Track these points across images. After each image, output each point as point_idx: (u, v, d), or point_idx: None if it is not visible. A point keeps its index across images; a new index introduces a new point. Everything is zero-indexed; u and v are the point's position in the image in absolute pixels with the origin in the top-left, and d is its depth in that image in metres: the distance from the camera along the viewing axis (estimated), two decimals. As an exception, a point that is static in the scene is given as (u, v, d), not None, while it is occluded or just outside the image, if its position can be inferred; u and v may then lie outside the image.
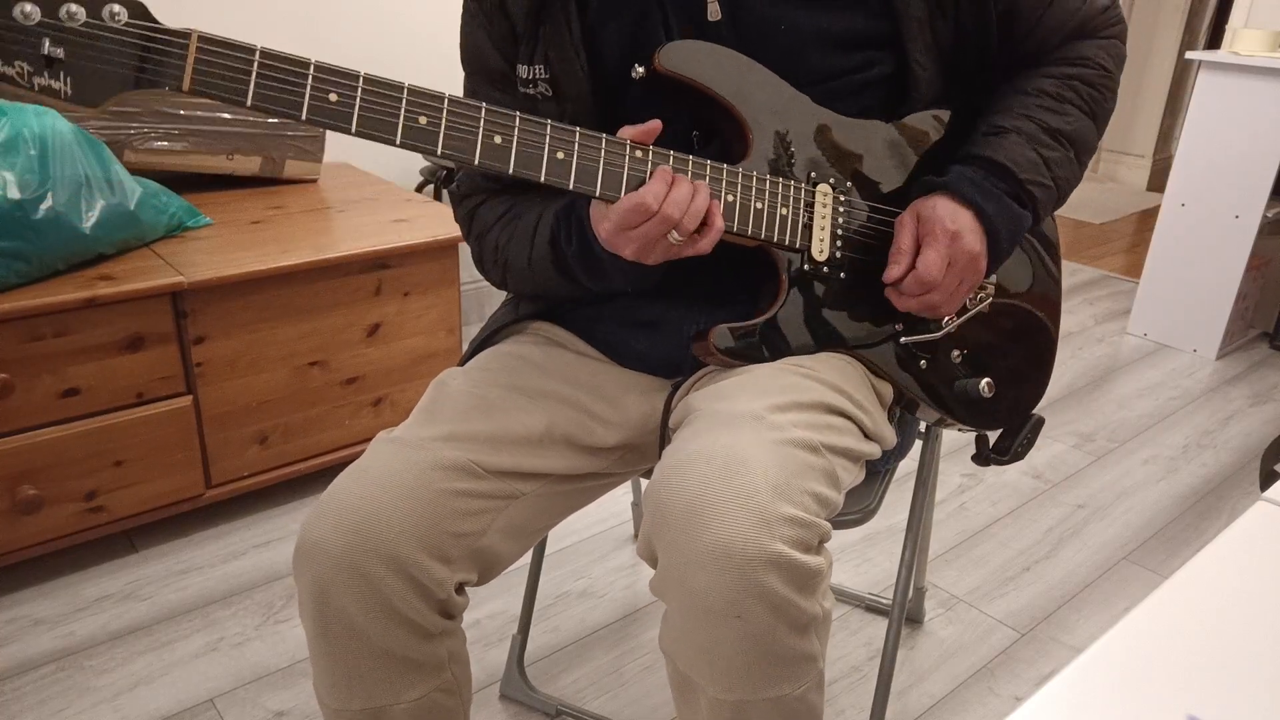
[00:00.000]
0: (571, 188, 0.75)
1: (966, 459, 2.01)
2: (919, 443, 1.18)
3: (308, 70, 0.67)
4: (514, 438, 0.86)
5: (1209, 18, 4.52)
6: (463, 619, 0.86)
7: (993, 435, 1.06)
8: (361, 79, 0.69)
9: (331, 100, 0.68)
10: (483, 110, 0.72)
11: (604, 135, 0.76)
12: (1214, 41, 4.52)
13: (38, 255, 1.36)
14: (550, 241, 0.87)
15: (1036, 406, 1.04)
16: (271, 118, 1.85)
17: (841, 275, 0.88)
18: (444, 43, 2.35)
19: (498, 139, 0.73)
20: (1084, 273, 3.34)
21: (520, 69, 0.88)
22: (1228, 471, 2.02)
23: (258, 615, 1.46)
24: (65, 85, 0.62)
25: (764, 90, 0.83)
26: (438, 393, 0.89)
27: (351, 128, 0.69)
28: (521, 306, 1.01)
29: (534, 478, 0.87)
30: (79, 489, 1.45)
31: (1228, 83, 2.44)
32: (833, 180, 0.87)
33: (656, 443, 0.95)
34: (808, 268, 0.87)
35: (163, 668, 1.35)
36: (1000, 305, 0.98)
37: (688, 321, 0.92)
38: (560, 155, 0.75)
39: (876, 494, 1.05)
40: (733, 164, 0.82)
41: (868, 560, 1.66)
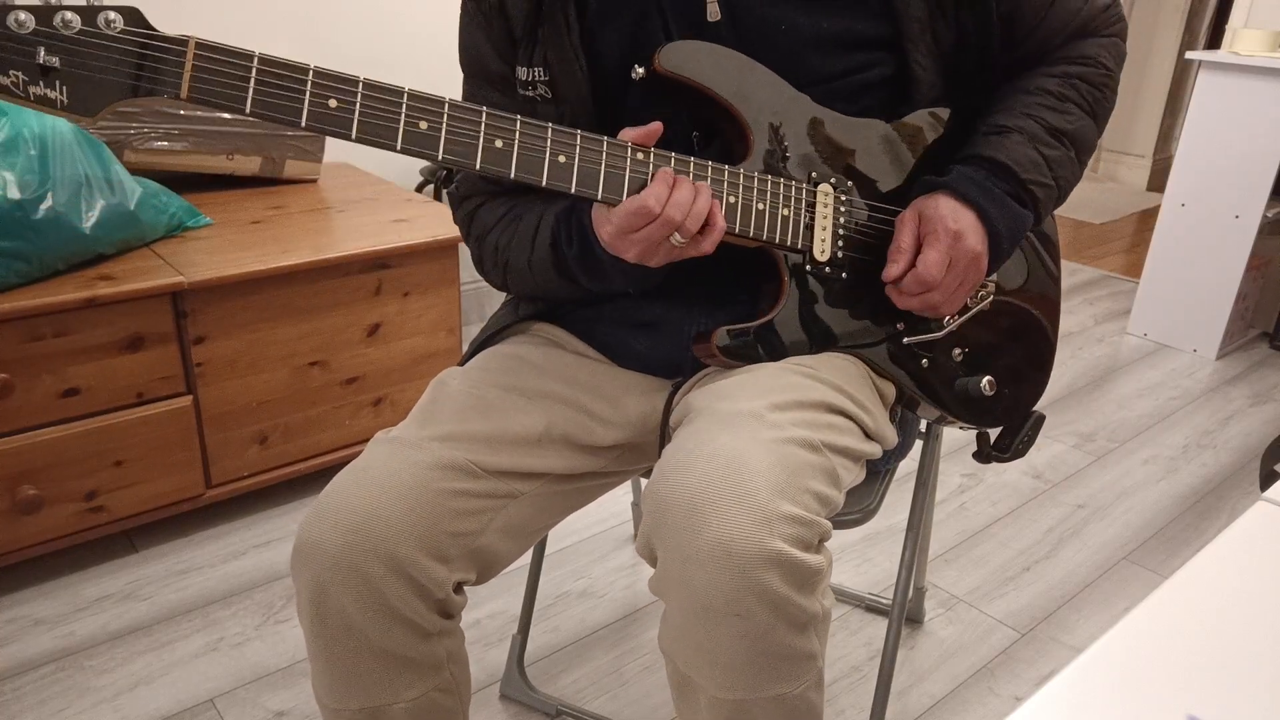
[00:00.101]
0: (573, 191, 0.75)
1: (966, 459, 2.01)
2: (919, 442, 1.18)
3: (306, 76, 0.67)
4: (512, 437, 0.86)
5: (1209, 18, 4.52)
6: (461, 619, 0.86)
7: (993, 433, 1.06)
8: (361, 84, 0.68)
9: (331, 106, 0.68)
10: (484, 114, 0.72)
11: (605, 138, 0.75)
12: (1214, 41, 4.52)
13: (38, 255, 1.36)
14: (551, 244, 0.87)
15: (1037, 404, 1.04)
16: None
17: (843, 275, 0.88)
18: (444, 43, 2.35)
19: (499, 143, 0.73)
20: (1084, 273, 3.34)
21: (519, 71, 0.88)
22: (1228, 471, 2.02)
23: (258, 615, 1.45)
24: (61, 94, 0.62)
25: (764, 90, 0.83)
26: (436, 393, 0.89)
27: (352, 134, 0.68)
28: (521, 307, 1.01)
29: (533, 477, 0.87)
30: (79, 489, 1.45)
31: (1228, 83, 2.44)
32: (834, 180, 0.87)
33: (656, 442, 0.95)
34: (809, 268, 0.86)
35: (163, 668, 1.34)
36: (1001, 304, 0.98)
37: (688, 322, 0.92)
38: (562, 159, 0.74)
39: (877, 494, 1.05)
40: (733, 165, 0.81)
41: (868, 560, 1.66)
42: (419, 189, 2.30)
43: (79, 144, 1.41)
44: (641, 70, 0.82)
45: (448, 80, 2.34)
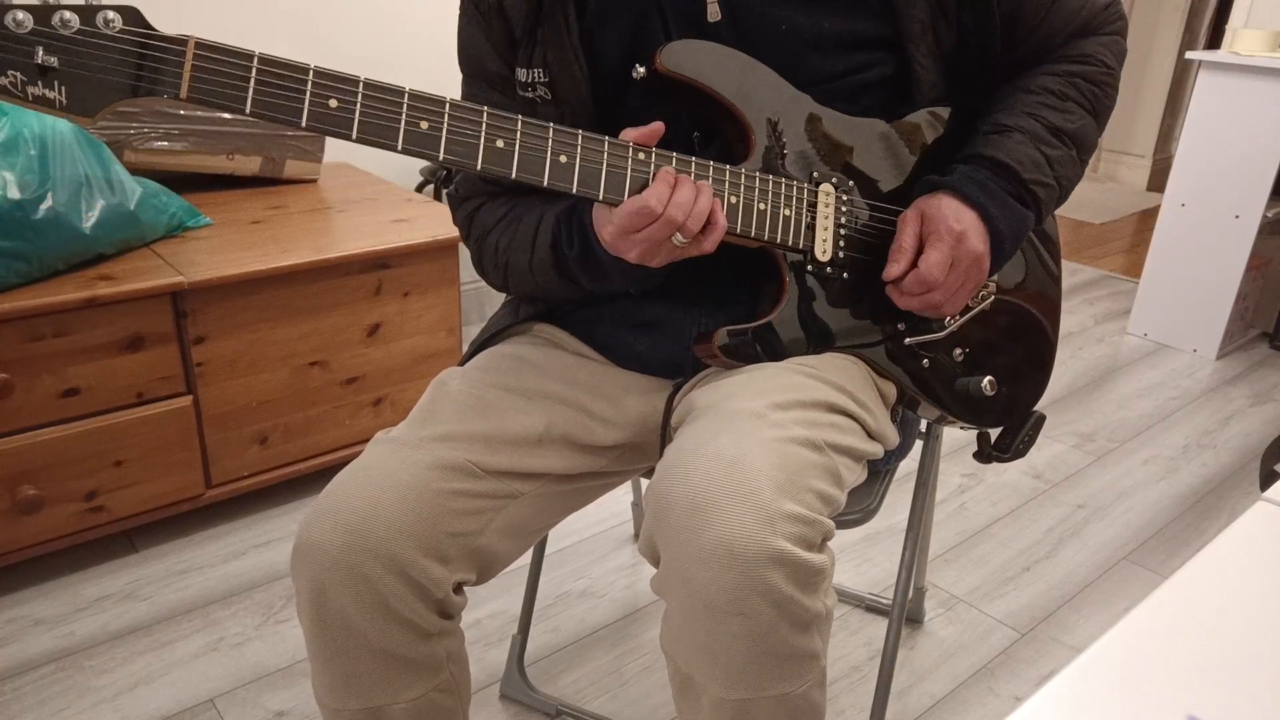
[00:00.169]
0: (575, 192, 0.75)
1: (966, 459, 2.02)
2: (919, 442, 1.18)
3: (307, 76, 0.66)
4: (512, 438, 0.86)
5: (1209, 18, 4.52)
6: (461, 619, 0.85)
7: (994, 433, 1.06)
8: (361, 84, 0.68)
9: (331, 106, 0.67)
10: (485, 114, 0.72)
11: (606, 138, 0.75)
12: (1214, 41, 4.52)
13: (38, 255, 1.36)
14: (552, 245, 0.86)
15: (1037, 404, 1.04)
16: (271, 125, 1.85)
17: (844, 275, 0.88)
18: (444, 43, 2.35)
19: (500, 143, 0.73)
20: (1084, 273, 3.34)
21: (519, 72, 0.88)
22: (1228, 471, 2.02)
23: (258, 615, 1.45)
24: (60, 95, 0.61)
25: (766, 90, 0.83)
26: (436, 393, 0.89)
27: (352, 134, 0.68)
28: (522, 308, 1.00)
29: (533, 477, 0.87)
30: (79, 489, 1.45)
31: (1228, 83, 2.44)
32: (835, 180, 0.87)
33: (657, 442, 0.95)
34: (810, 268, 0.86)
35: (163, 668, 1.34)
36: (1001, 303, 0.98)
37: (689, 323, 0.92)
38: (563, 159, 0.74)
39: (877, 494, 1.05)
40: (734, 165, 0.81)
41: (868, 560, 1.66)
42: (419, 189, 2.30)
43: (79, 144, 1.41)
44: (643, 70, 0.82)
45: (448, 80, 2.34)
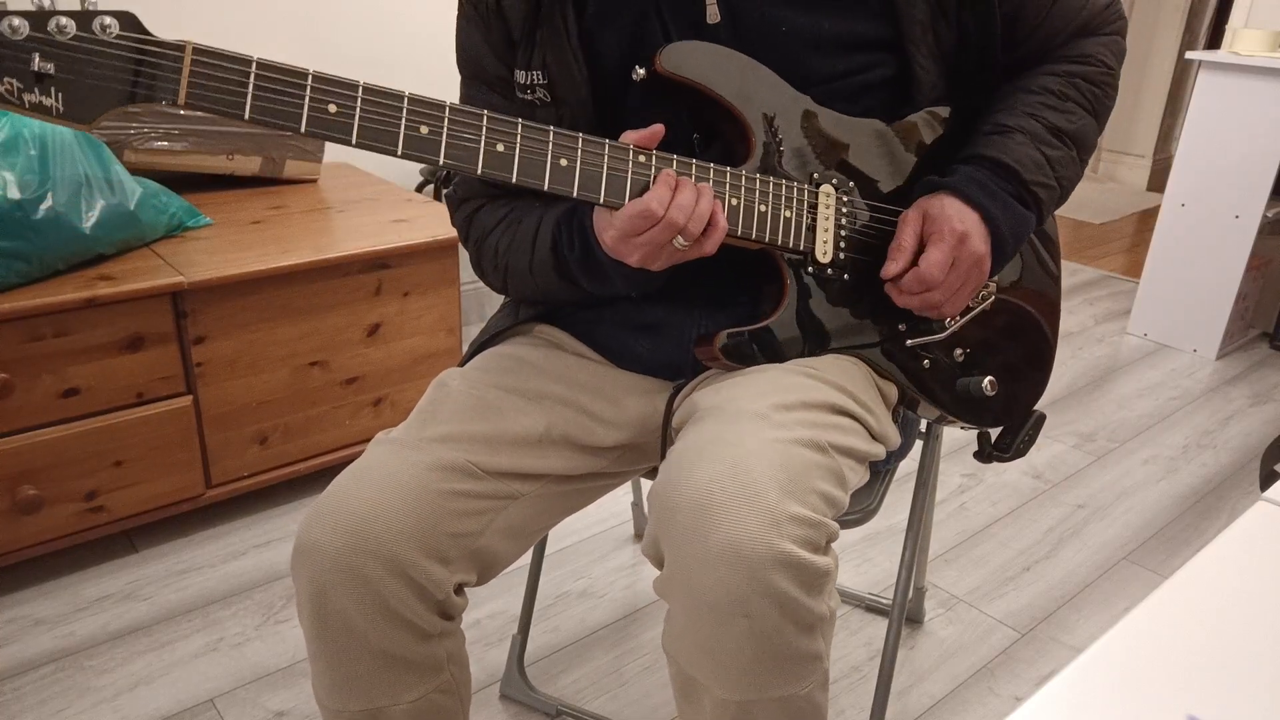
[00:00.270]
0: (575, 195, 0.75)
1: (966, 459, 2.01)
2: (919, 442, 1.18)
3: (305, 81, 0.66)
4: (512, 438, 0.86)
5: (1209, 18, 4.52)
6: (462, 620, 0.85)
7: (994, 432, 1.06)
8: (361, 89, 0.68)
9: (331, 111, 0.67)
10: (485, 118, 0.72)
11: (606, 141, 0.75)
12: (1214, 41, 4.51)
13: (38, 255, 1.36)
14: (552, 248, 0.86)
15: (1037, 404, 1.04)
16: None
17: (845, 276, 0.88)
18: (444, 43, 2.35)
19: (500, 147, 0.72)
20: (1084, 273, 3.34)
21: (518, 74, 0.87)
22: (1228, 471, 2.02)
23: (258, 615, 1.45)
24: (57, 101, 0.61)
25: (766, 91, 0.83)
26: (437, 393, 0.89)
27: (352, 139, 0.68)
28: (522, 309, 1.00)
29: (533, 478, 0.87)
30: (79, 489, 1.45)
31: (1228, 83, 2.44)
32: (835, 181, 0.86)
33: (657, 443, 0.95)
34: (811, 270, 0.86)
35: (163, 668, 1.34)
36: (1001, 303, 0.98)
37: (689, 324, 0.91)
38: (563, 162, 0.74)
39: (877, 494, 1.05)
40: (735, 166, 0.81)
41: (868, 560, 1.66)
42: (419, 189, 2.30)
43: (79, 144, 1.41)
44: (643, 71, 0.82)
45: (448, 80, 2.34)
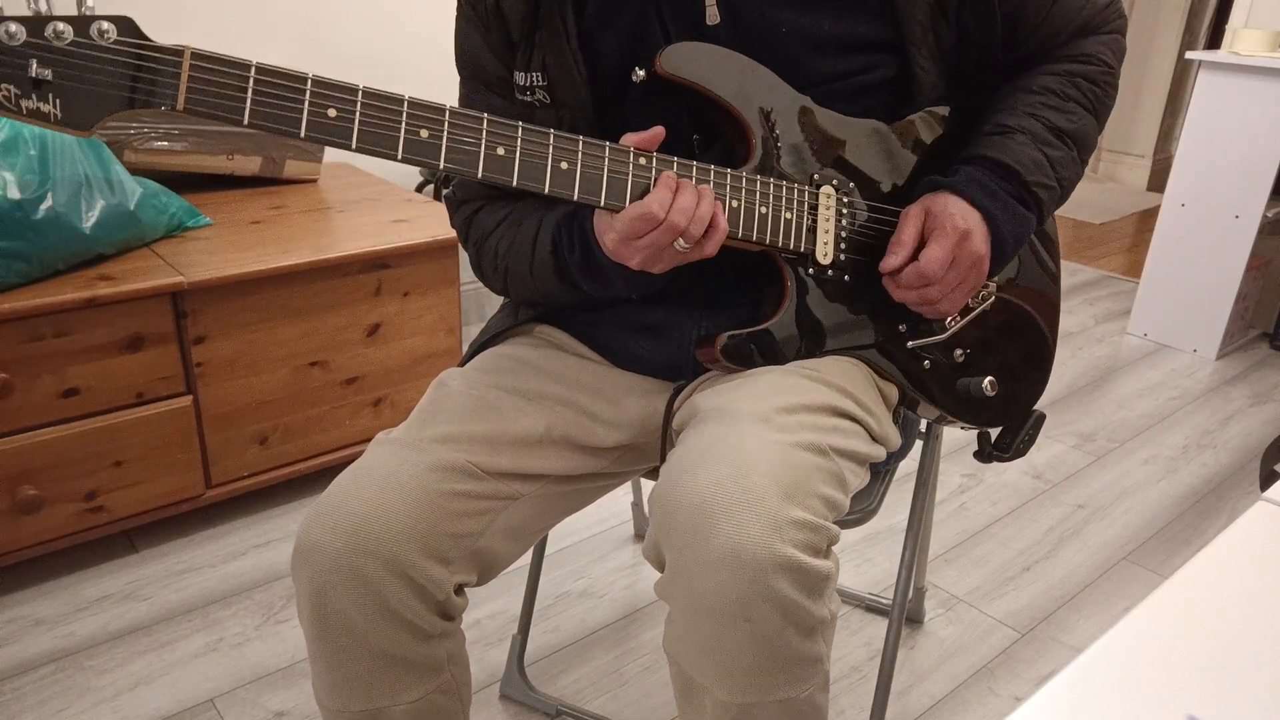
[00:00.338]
0: (576, 199, 0.74)
1: (966, 459, 2.02)
2: (919, 442, 1.18)
3: (305, 85, 0.66)
4: (513, 439, 0.86)
5: (1209, 18, 4.52)
6: (462, 620, 0.85)
7: (994, 432, 1.06)
8: (360, 93, 0.67)
9: (330, 116, 0.67)
10: (485, 121, 0.72)
11: (607, 143, 0.75)
12: (1214, 41, 4.52)
13: (38, 255, 1.36)
14: (552, 251, 0.86)
15: (1037, 404, 1.04)
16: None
17: (845, 277, 0.88)
18: (444, 43, 2.35)
19: (500, 150, 0.72)
20: (1084, 273, 3.34)
21: (517, 76, 0.87)
22: (1228, 471, 2.02)
23: (258, 615, 1.45)
24: (54, 108, 0.61)
25: (766, 92, 0.82)
26: (437, 394, 0.89)
27: (352, 144, 0.68)
28: (521, 310, 1.00)
29: (533, 479, 0.87)
30: (79, 489, 1.45)
31: (1228, 83, 2.44)
32: (835, 182, 0.86)
33: (657, 443, 0.95)
34: (812, 271, 0.86)
35: (163, 668, 1.34)
36: (1001, 303, 0.98)
37: (690, 326, 0.91)
38: (564, 165, 0.74)
39: (877, 494, 1.05)
40: (735, 167, 0.81)
41: (868, 560, 1.66)
42: (419, 189, 2.30)
43: (79, 144, 1.41)
44: (642, 73, 0.82)
45: (448, 80, 2.34)
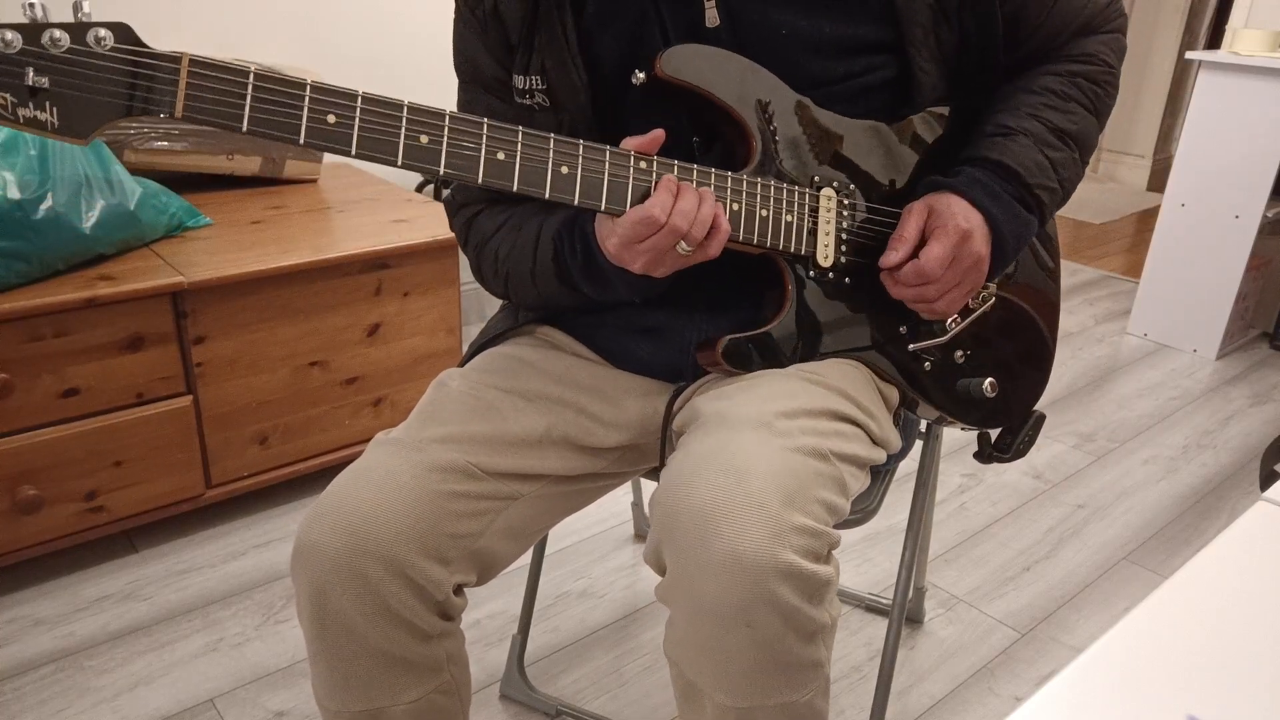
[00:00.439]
0: (577, 203, 0.74)
1: (966, 459, 2.01)
2: (919, 443, 1.18)
3: (304, 91, 0.66)
4: (513, 439, 0.86)
5: (1209, 18, 4.52)
6: (461, 620, 0.85)
7: (994, 433, 1.06)
8: (360, 99, 0.67)
9: (329, 122, 0.67)
10: (485, 126, 0.71)
11: (607, 147, 0.75)
12: (1214, 41, 4.52)
13: (38, 255, 1.36)
14: (553, 256, 0.86)
15: (1037, 404, 1.04)
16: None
17: (846, 280, 0.88)
18: (443, 43, 2.35)
19: (501, 155, 0.72)
20: (1084, 273, 3.34)
21: (516, 79, 0.87)
22: (1228, 471, 2.02)
23: (258, 615, 1.45)
24: (51, 116, 0.60)
25: (766, 94, 0.82)
26: (437, 394, 0.89)
27: (351, 150, 0.67)
28: (522, 312, 1.00)
29: (533, 479, 0.87)
30: (79, 489, 1.45)
31: (1228, 83, 2.44)
32: (836, 184, 0.86)
33: (657, 444, 0.95)
34: (813, 274, 0.86)
35: (163, 668, 1.34)
36: (1000, 304, 0.98)
37: (690, 328, 0.91)
38: (564, 170, 0.74)
39: (877, 494, 1.05)
40: (735, 170, 0.81)
41: (868, 560, 1.66)
42: (419, 189, 2.29)
43: (79, 144, 1.41)
44: (642, 75, 0.82)
45: (448, 80, 2.33)
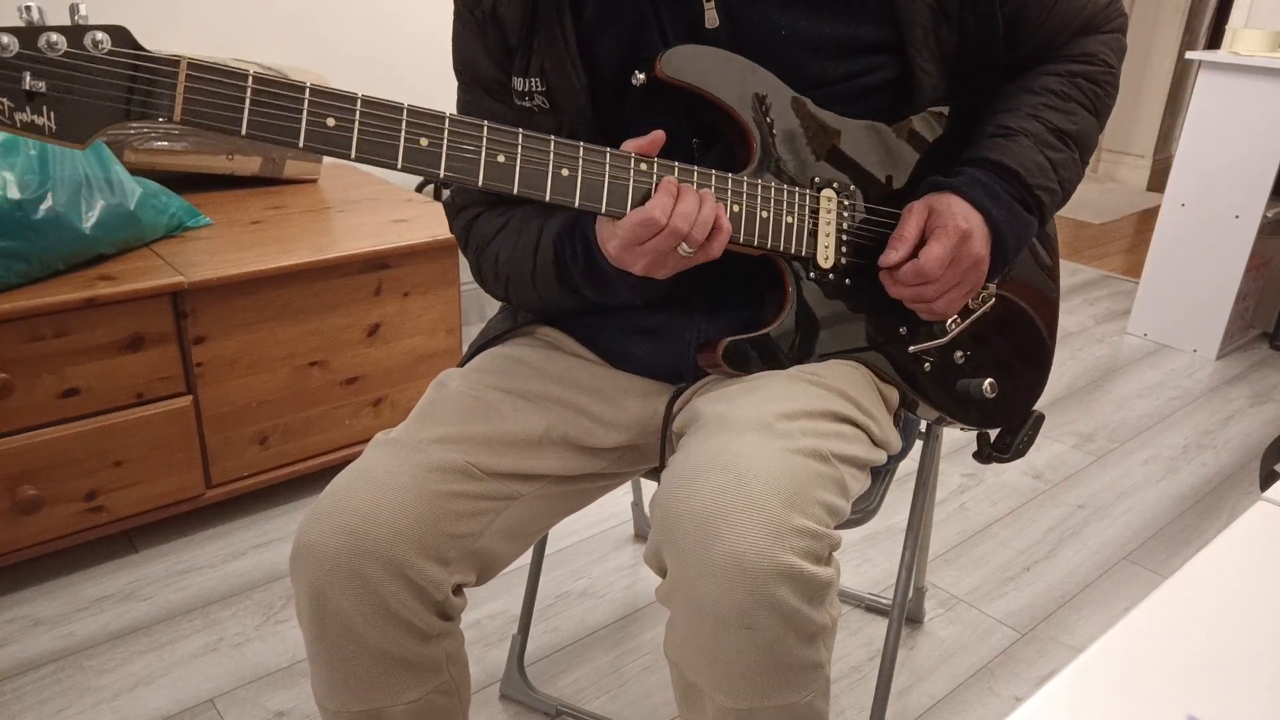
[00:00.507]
0: (577, 206, 0.74)
1: (966, 459, 2.01)
2: (919, 443, 1.18)
3: (303, 95, 0.65)
4: (512, 439, 0.85)
5: (1209, 18, 4.52)
6: (461, 620, 0.85)
7: (993, 433, 1.06)
8: (359, 101, 0.67)
9: (329, 125, 0.66)
10: (485, 129, 0.71)
11: (608, 149, 0.75)
12: (1214, 41, 4.51)
13: (38, 255, 1.36)
14: (554, 260, 0.86)
15: (1036, 404, 1.04)
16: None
17: (847, 281, 0.88)
18: (443, 43, 2.35)
19: (501, 158, 0.72)
20: (1084, 273, 3.34)
21: (515, 81, 0.87)
22: (1228, 471, 2.02)
23: (258, 615, 1.45)
24: (49, 120, 0.60)
25: (767, 95, 0.82)
26: (436, 394, 0.89)
27: (351, 153, 0.67)
28: (521, 313, 1.00)
29: (533, 479, 0.87)
30: (79, 489, 1.45)
31: (1228, 83, 2.44)
32: (836, 185, 0.86)
33: (657, 444, 0.95)
34: (813, 275, 0.86)
35: (163, 668, 1.34)
36: (1000, 304, 0.98)
37: (690, 330, 0.91)
38: (565, 172, 0.74)
39: (877, 494, 1.05)
40: (736, 171, 0.81)
41: (868, 560, 1.66)
42: (419, 189, 2.29)
43: (79, 144, 1.41)
44: (643, 76, 0.82)
45: (448, 81, 2.33)
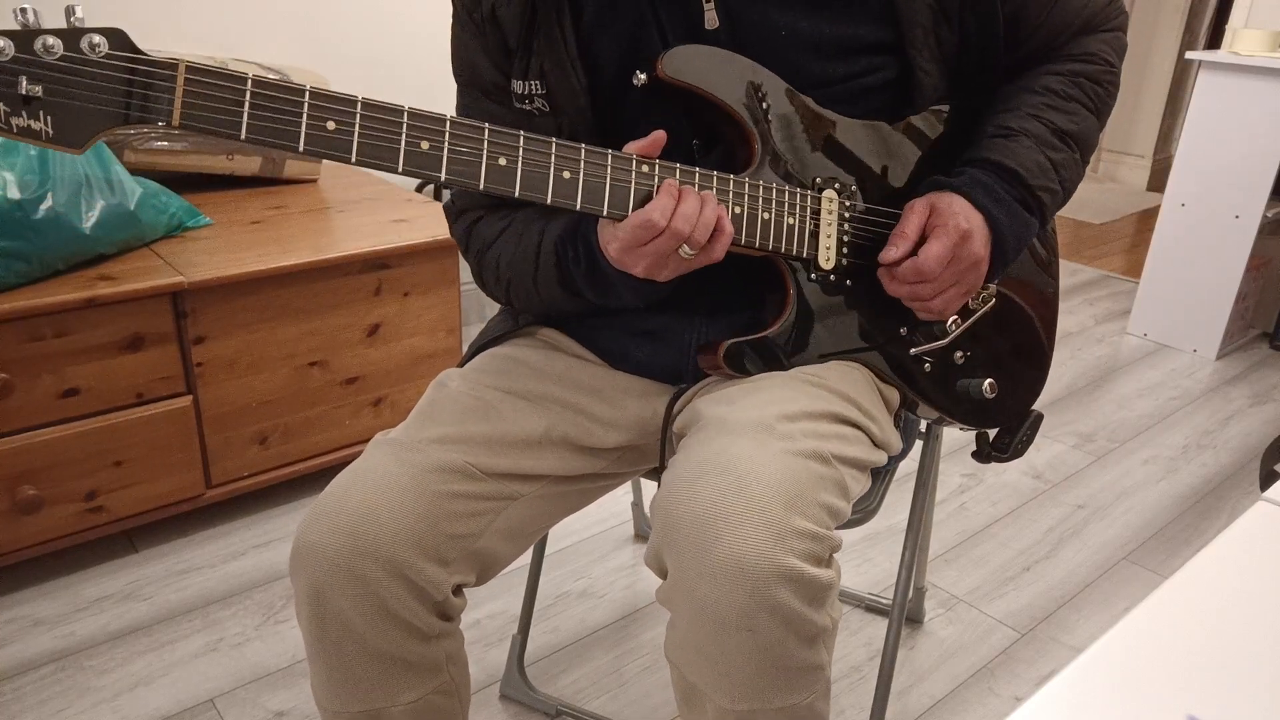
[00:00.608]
0: (579, 208, 0.74)
1: (966, 459, 2.01)
2: (919, 443, 1.18)
3: (303, 98, 0.65)
4: (512, 440, 0.85)
5: (1209, 18, 4.52)
6: (461, 620, 0.85)
7: (992, 432, 1.06)
8: (359, 104, 0.66)
9: (329, 129, 0.66)
10: (486, 131, 0.71)
11: (609, 151, 0.75)
12: (1214, 41, 4.52)
13: (38, 255, 1.36)
14: (556, 263, 0.86)
15: (1035, 404, 1.04)
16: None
17: (848, 282, 0.88)
18: (444, 43, 2.34)
19: (502, 161, 0.72)
20: (1084, 273, 3.34)
21: (515, 84, 0.87)
22: (1228, 471, 2.02)
23: (258, 615, 1.45)
24: (45, 125, 0.59)
25: (768, 95, 0.82)
26: (436, 394, 0.89)
27: (351, 157, 0.67)
28: (521, 315, 1.00)
29: (532, 479, 0.87)
30: (79, 489, 1.45)
31: (1228, 83, 2.44)
32: (838, 185, 0.86)
33: (657, 444, 0.95)
34: (814, 276, 0.86)
35: (163, 668, 1.34)
36: (999, 304, 0.98)
37: (690, 331, 0.91)
38: (566, 175, 0.73)
39: (877, 494, 1.05)
40: (737, 171, 0.81)
41: (868, 560, 1.66)
42: (419, 189, 2.29)
43: (79, 144, 1.41)
44: (644, 77, 0.81)
45: (448, 81, 2.33)
